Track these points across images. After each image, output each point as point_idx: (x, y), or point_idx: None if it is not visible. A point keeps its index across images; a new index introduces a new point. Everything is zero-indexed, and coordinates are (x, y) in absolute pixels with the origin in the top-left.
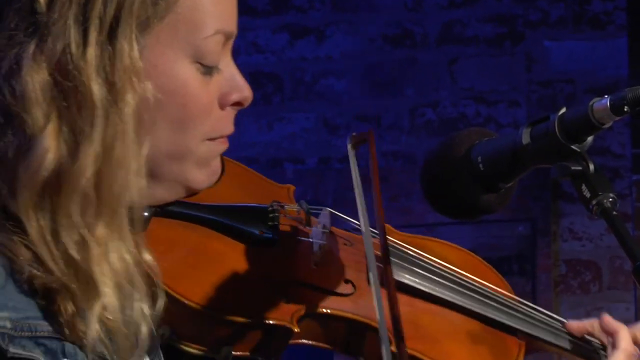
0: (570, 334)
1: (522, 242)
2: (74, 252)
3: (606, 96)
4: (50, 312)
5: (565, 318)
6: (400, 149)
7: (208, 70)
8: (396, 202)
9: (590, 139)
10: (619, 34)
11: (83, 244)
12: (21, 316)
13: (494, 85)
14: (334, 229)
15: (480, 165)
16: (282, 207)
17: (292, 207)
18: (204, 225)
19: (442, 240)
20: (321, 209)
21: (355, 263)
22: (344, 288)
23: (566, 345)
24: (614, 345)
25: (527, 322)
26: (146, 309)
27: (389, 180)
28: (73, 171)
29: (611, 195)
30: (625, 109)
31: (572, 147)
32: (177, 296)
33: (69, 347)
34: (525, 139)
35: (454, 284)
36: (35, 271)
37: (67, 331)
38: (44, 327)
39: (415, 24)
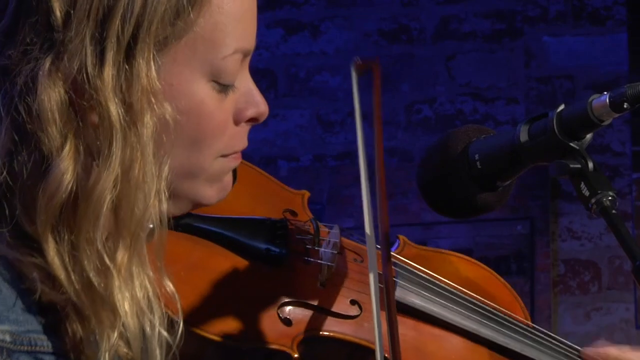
0: None
1: (520, 241)
2: (94, 277)
3: (605, 93)
4: (54, 330)
5: (563, 318)
6: (396, 146)
7: (224, 88)
8: (392, 200)
9: (589, 136)
10: (619, 29)
11: (103, 270)
12: (22, 329)
13: (492, 81)
14: (344, 241)
15: (478, 163)
16: (293, 220)
17: (302, 224)
18: (208, 238)
19: (459, 254)
20: (332, 227)
21: (362, 283)
22: (349, 310)
23: None
24: None
25: (538, 349)
26: (164, 337)
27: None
28: (91, 194)
29: (610, 193)
30: (625, 106)
31: (571, 144)
32: (171, 315)
33: None
34: (523, 136)
35: (464, 308)
36: (45, 288)
37: (71, 352)
38: (45, 342)
39: (412, 19)
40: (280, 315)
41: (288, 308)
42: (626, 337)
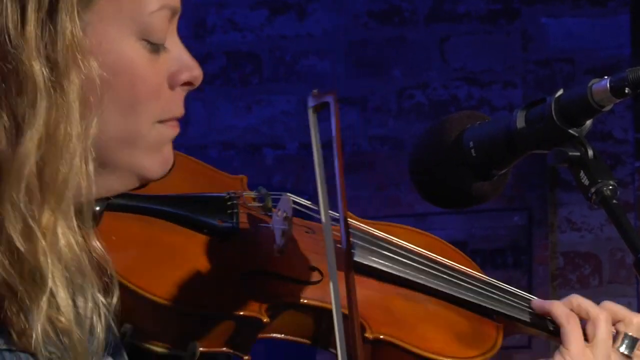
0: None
1: (517, 233)
2: (19, 243)
3: (606, 77)
4: (1, 324)
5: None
6: (387, 134)
7: (155, 47)
8: (383, 191)
9: (589, 122)
10: (621, 10)
11: (28, 234)
12: None
13: (488, 65)
14: (295, 220)
15: (472, 151)
16: (240, 195)
17: (250, 194)
18: (159, 217)
19: (406, 226)
20: (280, 195)
21: (319, 250)
22: (310, 276)
23: (546, 325)
24: (563, 344)
25: (501, 301)
26: (100, 301)
27: (375, 168)
28: (15, 157)
29: (611, 182)
30: (627, 91)
31: (570, 131)
32: (139, 290)
33: (22, 357)
34: (520, 122)
35: (423, 265)
36: None
37: (16, 339)
38: None
39: (404, 0)
40: (243, 285)
41: (250, 277)
42: None
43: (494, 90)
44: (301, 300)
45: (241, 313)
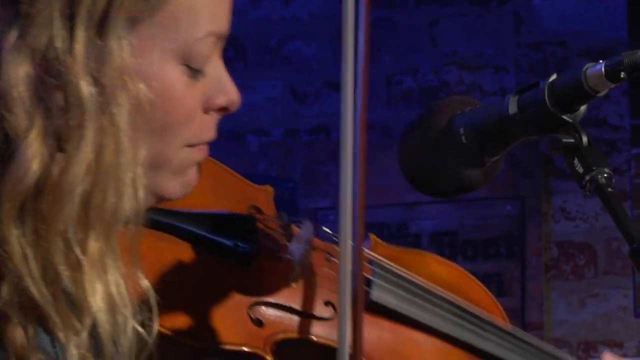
0: None
1: (510, 222)
2: (62, 270)
3: (601, 61)
4: None
5: (556, 305)
6: (375, 120)
7: (195, 73)
8: (371, 179)
9: (583, 108)
10: None
11: (75, 263)
12: None
13: (479, 49)
14: (317, 242)
15: (463, 138)
16: (261, 216)
17: (271, 219)
18: (173, 234)
19: (433, 255)
20: (302, 221)
21: (335, 282)
22: (323, 311)
23: None
24: None
25: (518, 354)
26: (137, 333)
27: None
28: (61, 181)
29: (606, 170)
30: (622, 76)
31: (564, 117)
32: (145, 313)
33: None
34: (512, 108)
35: (444, 310)
36: None
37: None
38: None
39: None
40: (252, 316)
41: (259, 308)
42: (624, 326)
43: (486, 75)
44: (310, 337)
45: (244, 348)
